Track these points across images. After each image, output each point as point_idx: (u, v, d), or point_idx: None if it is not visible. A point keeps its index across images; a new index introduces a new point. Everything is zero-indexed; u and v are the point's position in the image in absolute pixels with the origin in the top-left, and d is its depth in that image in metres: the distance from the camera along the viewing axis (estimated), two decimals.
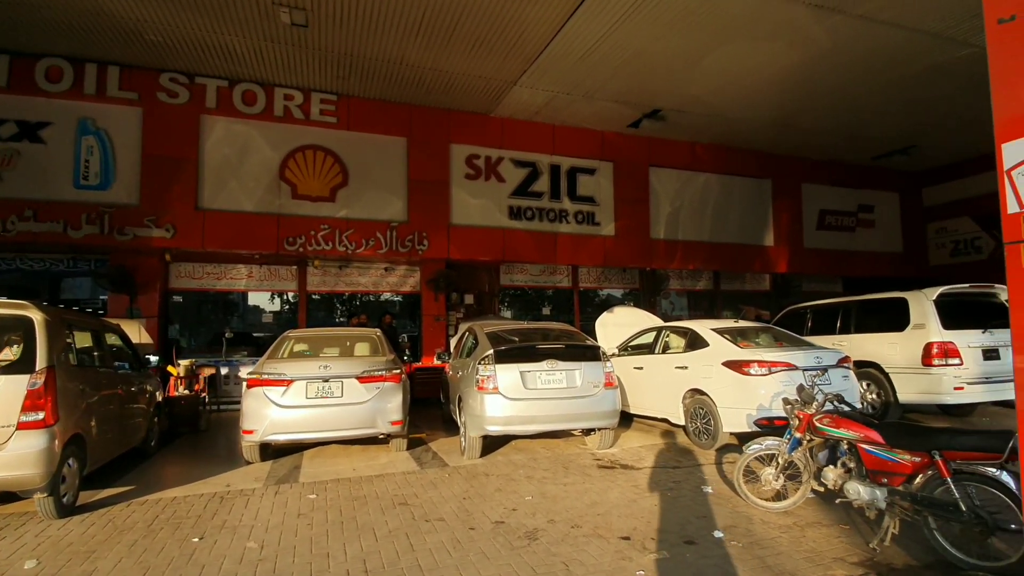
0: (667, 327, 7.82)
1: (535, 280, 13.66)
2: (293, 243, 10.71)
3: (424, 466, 5.85)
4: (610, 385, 5.97)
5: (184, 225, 10.12)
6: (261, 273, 11.75)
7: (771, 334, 7.22)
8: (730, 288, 15.76)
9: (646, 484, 5.05)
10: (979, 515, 3.18)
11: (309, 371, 5.72)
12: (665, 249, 13.74)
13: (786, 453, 4.23)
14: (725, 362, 6.26)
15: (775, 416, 5.79)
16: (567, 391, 5.76)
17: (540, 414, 5.62)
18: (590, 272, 14.07)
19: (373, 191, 11.47)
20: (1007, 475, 3.14)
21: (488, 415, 5.57)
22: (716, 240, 14.38)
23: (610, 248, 13.13)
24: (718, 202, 14.55)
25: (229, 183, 10.63)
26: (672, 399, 6.95)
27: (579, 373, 5.87)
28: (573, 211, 12.98)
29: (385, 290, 12.70)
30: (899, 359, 7.73)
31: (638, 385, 7.72)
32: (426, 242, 11.56)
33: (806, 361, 6.13)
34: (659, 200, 13.86)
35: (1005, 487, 3.13)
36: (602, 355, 6.10)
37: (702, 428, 6.46)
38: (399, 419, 5.94)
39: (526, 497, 4.71)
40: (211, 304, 12.47)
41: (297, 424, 5.59)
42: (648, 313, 10.08)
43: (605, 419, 5.92)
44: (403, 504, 4.59)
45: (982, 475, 3.23)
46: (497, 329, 6.53)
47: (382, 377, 5.90)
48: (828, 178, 15.96)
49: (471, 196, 12.19)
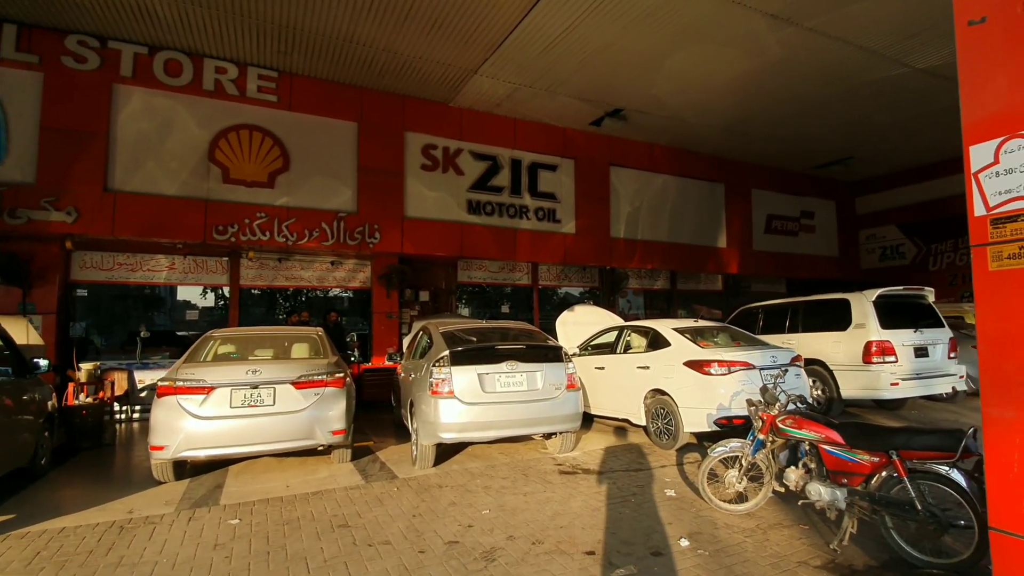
0: (628, 327, 7.51)
1: (494, 277, 13.15)
2: (224, 232, 9.74)
3: (370, 479, 5.23)
4: (572, 387, 5.55)
5: (89, 208, 8.95)
6: (185, 265, 10.64)
7: (728, 333, 7.04)
8: (686, 288, 15.80)
9: (609, 490, 4.66)
10: (933, 513, 3.17)
11: (234, 376, 4.98)
12: (625, 248, 13.55)
13: (750, 455, 4.04)
14: (687, 362, 5.99)
15: (734, 415, 5.60)
16: (528, 394, 5.29)
17: (499, 419, 5.13)
18: (550, 270, 13.70)
19: (318, 178, 10.63)
20: (958, 473, 3.15)
21: (443, 421, 5.03)
22: (673, 240, 14.34)
23: (571, 246, 12.80)
24: (675, 203, 14.51)
25: (147, 163, 9.52)
26: (634, 399, 6.63)
27: (540, 375, 5.41)
28: (534, 207, 12.56)
29: (332, 285, 11.85)
30: (842, 357, 7.81)
31: (599, 385, 7.37)
32: (378, 235, 10.83)
33: (763, 360, 5.97)
34: (619, 199, 13.66)
35: (957, 485, 3.13)
36: (564, 356, 5.68)
37: (663, 428, 6.17)
38: (341, 428, 5.29)
39: (483, 511, 4.21)
40: (131, 299, 11.27)
41: (219, 438, 4.84)
42: (609, 312, 9.79)
43: (567, 423, 5.49)
44: (343, 526, 3.98)
45: (935, 473, 3.23)
46: (453, 328, 5.99)
47: (322, 382, 5.23)
48: (775, 184, 16.32)
49: (427, 188, 11.55)
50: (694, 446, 6.34)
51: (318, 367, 5.30)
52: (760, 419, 4.00)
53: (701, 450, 6.14)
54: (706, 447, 6.25)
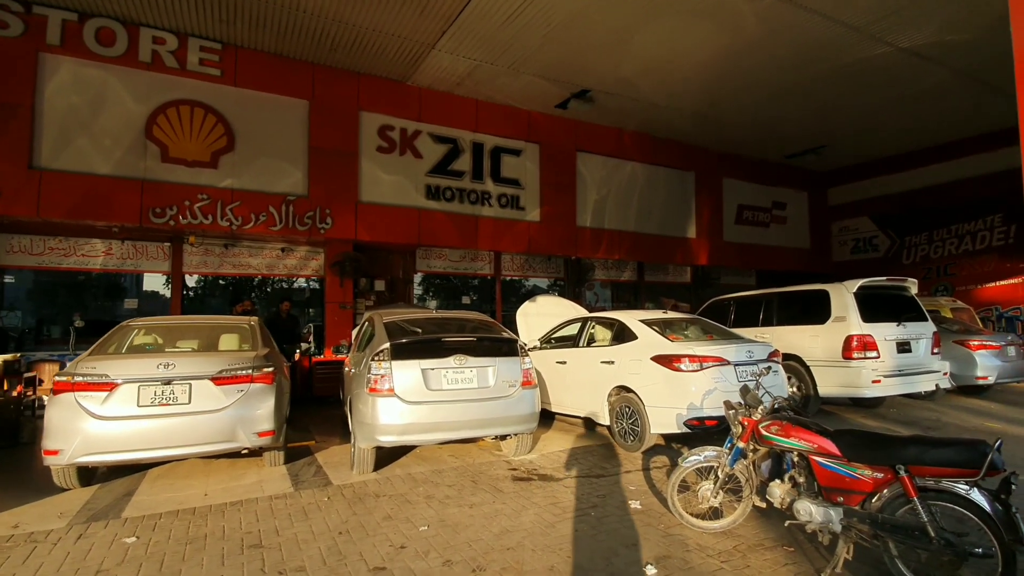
0: (593, 318, 7.13)
1: (455, 267, 12.64)
2: (162, 215, 9.00)
3: (301, 486, 4.73)
4: (529, 384, 5.12)
5: (12, 187, 8.15)
6: (123, 250, 9.87)
7: (700, 326, 6.72)
8: (654, 279, 15.57)
9: (567, 501, 4.26)
10: (948, 541, 2.70)
11: (143, 371, 4.40)
12: (591, 238, 13.20)
13: (727, 466, 3.58)
14: (654, 356, 5.62)
15: (707, 416, 5.25)
16: (478, 392, 4.84)
17: (446, 420, 4.67)
18: (514, 260, 13.26)
19: (266, 159, 9.94)
20: (979, 494, 2.69)
21: (381, 423, 4.55)
22: (641, 231, 14.05)
23: (535, 234, 12.38)
24: (643, 192, 14.22)
25: (77, 139, 8.72)
26: (597, 397, 6.26)
27: (493, 371, 4.97)
28: (496, 194, 12.08)
29: (282, 274, 11.18)
30: (820, 352, 7.55)
31: (561, 381, 6.98)
32: (329, 220, 10.20)
33: (738, 355, 5.63)
34: (586, 187, 13.28)
35: (978, 508, 2.67)
36: (520, 350, 5.25)
37: (628, 429, 5.81)
38: (269, 429, 4.76)
39: (420, 527, 3.76)
40: (69, 287, 10.39)
41: (125, 441, 4.27)
42: (573, 303, 9.41)
43: (523, 423, 5.07)
44: (255, 547, 3.48)
45: (953, 494, 2.75)
46: (399, 318, 5.49)
47: (247, 377, 4.69)
48: (746, 174, 16.17)
49: (384, 171, 10.95)
50: (663, 448, 6.01)
51: (242, 361, 4.74)
52: (740, 424, 3.52)
53: (670, 452, 5.81)
54: (676, 449, 6.00)
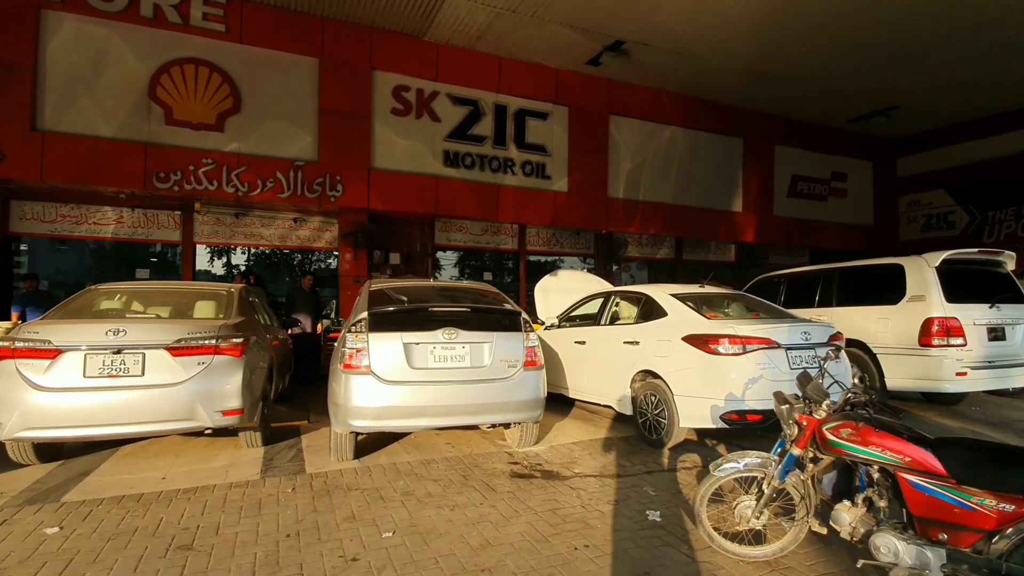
0: (617, 292, 6.28)
1: (476, 240, 11.91)
2: (166, 179, 8.59)
3: (270, 473, 4.15)
4: (532, 365, 4.34)
5: (15, 150, 7.86)
6: (134, 218, 9.58)
7: (744, 303, 5.78)
8: (693, 258, 14.41)
9: (569, 507, 3.51)
10: None
11: (90, 337, 3.87)
12: (624, 210, 12.20)
13: (775, 478, 2.70)
14: (686, 336, 4.75)
15: (748, 409, 4.37)
16: (471, 372, 4.11)
17: (431, 404, 3.96)
18: (539, 234, 12.42)
19: (273, 121, 9.39)
20: None
21: (354, 404, 3.89)
22: (680, 203, 12.93)
23: (562, 206, 11.49)
24: (684, 160, 13.05)
25: (80, 100, 8.36)
26: (618, 382, 5.44)
27: (489, 348, 4.22)
28: (520, 161, 11.22)
29: (294, 245, 10.72)
30: (890, 337, 6.46)
31: (579, 363, 6.19)
32: (340, 187, 9.61)
33: (791, 337, 4.68)
34: (619, 154, 12.24)
35: None
36: (524, 324, 4.47)
37: (654, 421, 4.98)
38: (235, 407, 4.18)
39: (385, 533, 3.09)
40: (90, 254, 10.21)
41: (68, 415, 3.76)
42: (599, 278, 8.54)
43: (523, 411, 4.31)
44: (184, 548, 2.89)
45: None
46: (387, 286, 4.81)
47: (209, 348, 4.11)
48: (802, 141, 14.67)
49: (398, 136, 10.26)
50: (694, 444, 5.17)
51: (205, 329, 4.16)
52: (795, 423, 2.69)
53: (703, 451, 4.98)
54: (710, 446, 5.14)
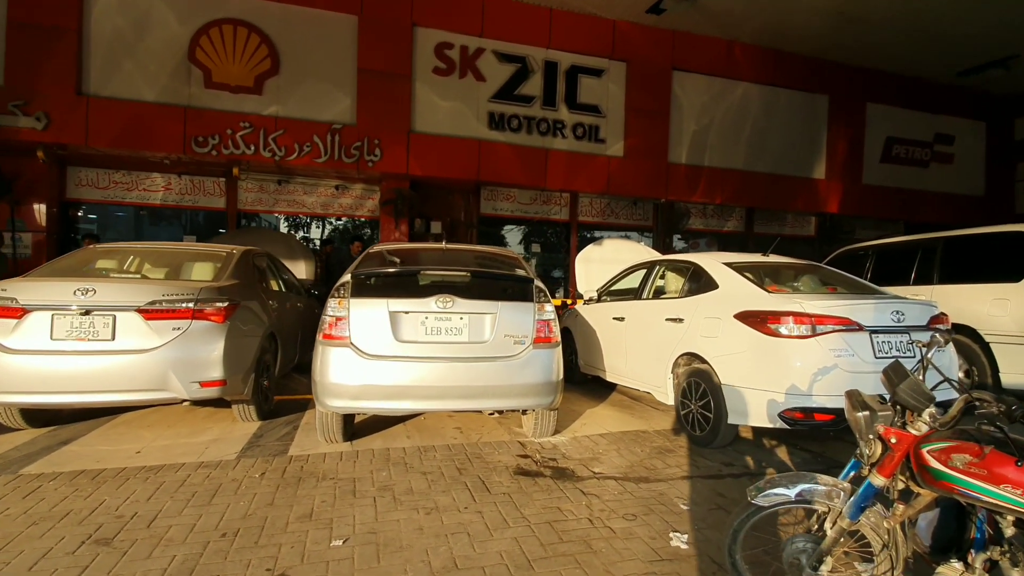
0: (663, 261, 5.40)
1: (524, 210, 11.20)
2: (204, 144, 8.48)
3: (249, 453, 3.75)
4: (545, 341, 3.64)
5: (61, 114, 7.97)
6: (181, 185, 9.65)
7: (817, 275, 4.75)
8: (766, 231, 12.97)
9: (574, 519, 2.84)
10: None
11: (58, 296, 3.57)
12: (687, 177, 11.03)
13: (845, 516, 1.85)
14: (740, 313, 3.87)
15: (816, 408, 3.49)
16: (469, 348, 3.48)
17: (419, 384, 3.37)
18: (592, 203, 11.52)
19: (312, 83, 9.05)
20: None
21: (329, 381, 3.37)
22: (752, 169, 11.56)
23: (616, 172, 10.51)
24: (758, 121, 11.61)
25: (124, 64, 8.36)
26: (658, 366, 4.63)
27: (492, 320, 3.56)
28: (572, 123, 10.33)
29: (337, 213, 10.50)
30: (1008, 323, 5.21)
31: (617, 342, 5.41)
32: (378, 151, 9.18)
33: (877, 317, 3.69)
34: (682, 114, 11.04)
35: None
36: (536, 293, 3.78)
37: (698, 414, 4.15)
38: (216, 378, 3.80)
39: (335, 541, 2.56)
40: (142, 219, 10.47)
41: (33, 381, 3.49)
42: (647, 248, 7.62)
43: (531, 396, 3.61)
44: (101, 543, 2.50)
45: None
46: (388, 248, 4.25)
47: (186, 312, 3.72)
48: (900, 98, 12.72)
49: (440, 97, 9.66)
50: (748, 444, 4.32)
51: (183, 291, 3.78)
52: (878, 439, 1.81)
53: (758, 453, 4.13)
54: (768, 448, 4.26)
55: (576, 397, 5.76)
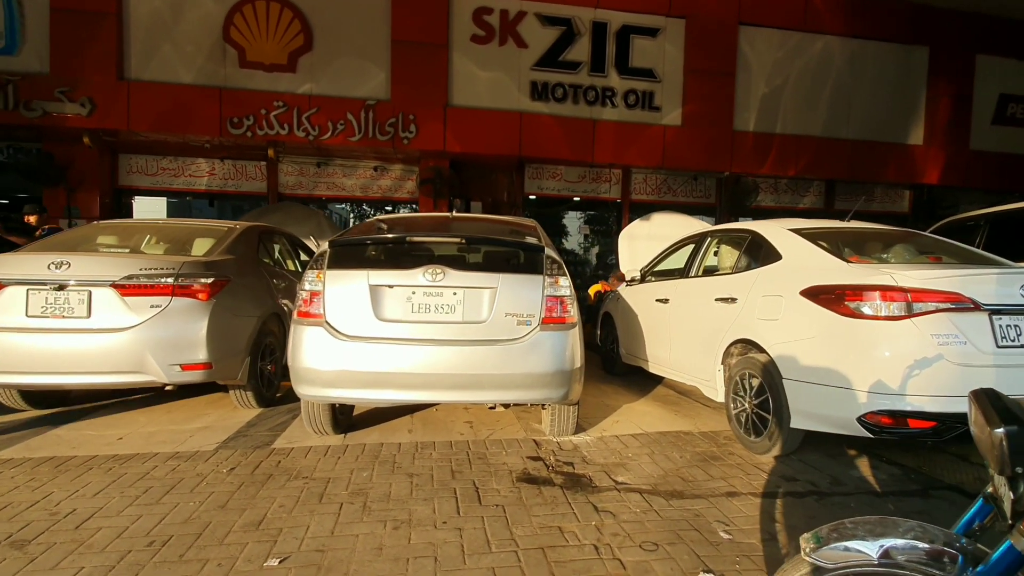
0: (715, 232, 4.58)
1: (571, 188, 10.46)
2: (239, 125, 8.37)
3: (233, 444, 3.39)
4: (557, 322, 2.97)
5: (105, 99, 8.07)
6: (224, 170, 9.68)
7: (914, 243, 3.81)
8: (849, 207, 11.47)
9: (577, 544, 2.23)
10: None
11: (32, 270, 3.32)
12: (755, 146, 9.88)
13: None
14: (808, 289, 3.06)
15: (911, 411, 2.69)
16: (463, 330, 2.89)
17: (402, 371, 2.82)
18: (647, 179, 10.60)
19: (345, 58, 8.74)
20: None
21: (301, 365, 2.90)
22: (834, 135, 10.21)
23: (673, 143, 9.55)
24: (841, 79, 10.21)
25: (162, 47, 8.38)
26: (705, 355, 3.87)
27: (491, 295, 2.93)
28: (623, 90, 9.47)
29: (376, 196, 10.20)
30: None
31: (659, 327, 4.67)
32: (414, 127, 8.75)
33: (1000, 292, 2.77)
34: (750, 75, 9.87)
35: None
36: (548, 264, 3.11)
37: (754, 415, 3.38)
38: (200, 361, 3.47)
39: (271, 560, 2.08)
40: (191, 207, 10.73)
41: (10, 359, 3.27)
42: (701, 221, 6.73)
43: (538, 387, 2.96)
44: (16, 545, 2.16)
45: None
46: (388, 218, 3.74)
47: (165, 288, 3.39)
48: (1018, 48, 10.81)
49: (479, 67, 9.09)
50: (817, 452, 3.47)
51: (163, 265, 3.45)
52: None
53: (830, 466, 3.33)
54: (847, 460, 3.34)
55: (614, 390, 5.08)
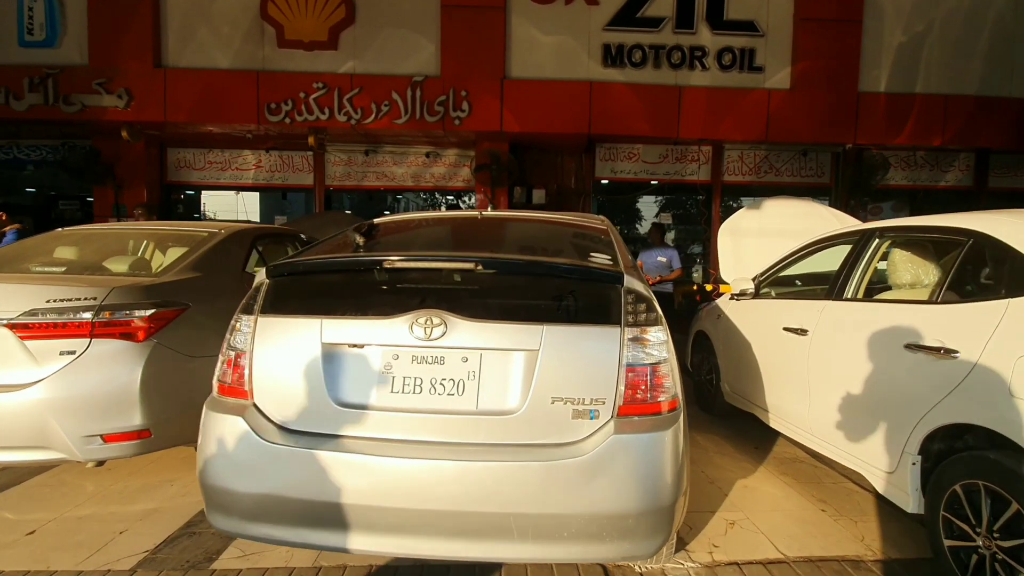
0: (890, 230, 3.02)
1: (650, 171, 8.92)
2: (277, 111, 7.58)
3: (159, 553, 2.39)
4: (647, 410, 1.66)
5: (141, 89, 7.53)
6: (271, 162, 9.03)
7: None
8: (1004, 184, 9.13)
9: None
10: None
11: None
12: (887, 111, 7.87)
13: None
14: None
15: None
16: (477, 425, 1.64)
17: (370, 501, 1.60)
18: (743, 157, 8.84)
19: (390, 29, 7.72)
20: None
21: (210, 480, 1.72)
22: (990, 93, 7.96)
23: (779, 110, 7.77)
24: (1002, 22, 7.93)
25: (198, 30, 7.73)
26: (882, 433, 2.42)
27: (526, 364, 1.67)
28: (716, 48, 7.81)
29: (429, 185, 9.19)
30: None
31: (793, 369, 3.21)
32: (466, 105, 7.59)
33: None
34: (882, 21, 7.84)
35: None
36: (627, 303, 1.72)
37: (1000, 562, 1.90)
38: (129, 427, 2.48)
39: None
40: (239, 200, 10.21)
41: None
42: (836, 211, 5.06)
43: (609, 538, 1.59)
44: None
45: None
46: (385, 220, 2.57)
47: (81, 327, 2.41)
48: None
49: (541, 30, 7.76)
50: None
51: (84, 293, 2.47)
52: None
53: None
54: None
55: (716, 444, 3.71)
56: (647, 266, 6.53)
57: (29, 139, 8.60)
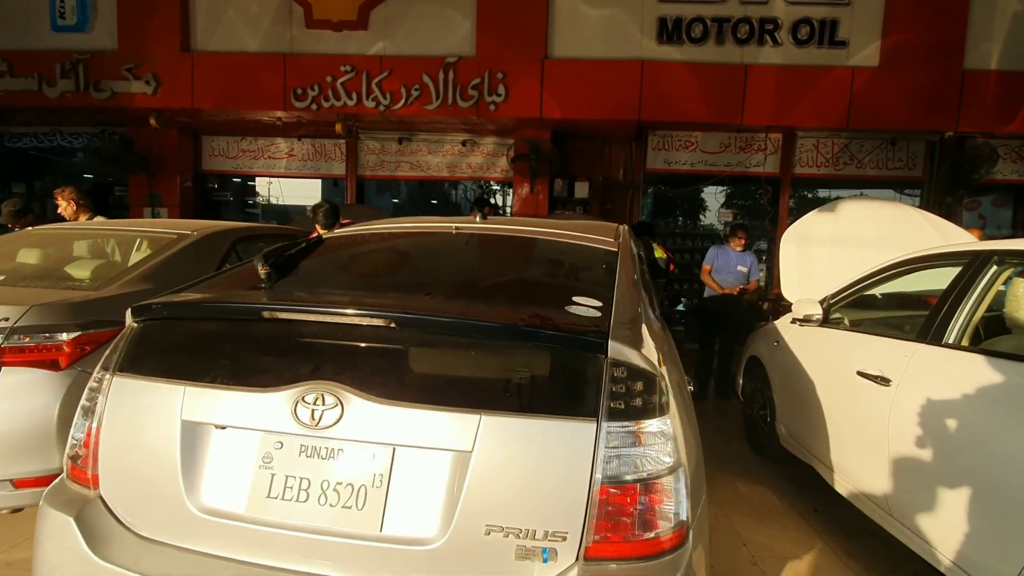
0: (1013, 254, 2.22)
1: (709, 162, 8.00)
2: (303, 97, 7.25)
3: None
4: (631, 552, 1.06)
5: (169, 75, 7.38)
6: (303, 150, 8.79)
7: None
8: None
9: None
10: None
11: None
12: (998, 91, 6.62)
13: None
14: None
15: None
16: (382, 558, 1.11)
17: None
18: (818, 147, 7.77)
19: (423, 5, 7.21)
20: None
21: None
22: None
23: (865, 92, 6.67)
24: None
25: (226, 12, 7.50)
26: (1004, 545, 1.70)
27: (454, 469, 1.11)
28: (790, 19, 6.82)
29: (465, 175, 8.69)
30: None
31: (865, 422, 2.48)
32: (503, 89, 6.99)
33: None
34: None
35: None
36: (609, 383, 1.11)
37: None
38: (47, 471, 2.12)
39: None
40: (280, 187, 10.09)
41: None
42: (935, 218, 4.12)
43: None
44: None
45: None
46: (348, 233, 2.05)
47: None
48: None
49: (588, 2, 7.04)
50: None
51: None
52: None
53: None
54: None
55: (764, 495, 3.04)
56: (723, 275, 5.63)
57: (70, 126, 8.74)
